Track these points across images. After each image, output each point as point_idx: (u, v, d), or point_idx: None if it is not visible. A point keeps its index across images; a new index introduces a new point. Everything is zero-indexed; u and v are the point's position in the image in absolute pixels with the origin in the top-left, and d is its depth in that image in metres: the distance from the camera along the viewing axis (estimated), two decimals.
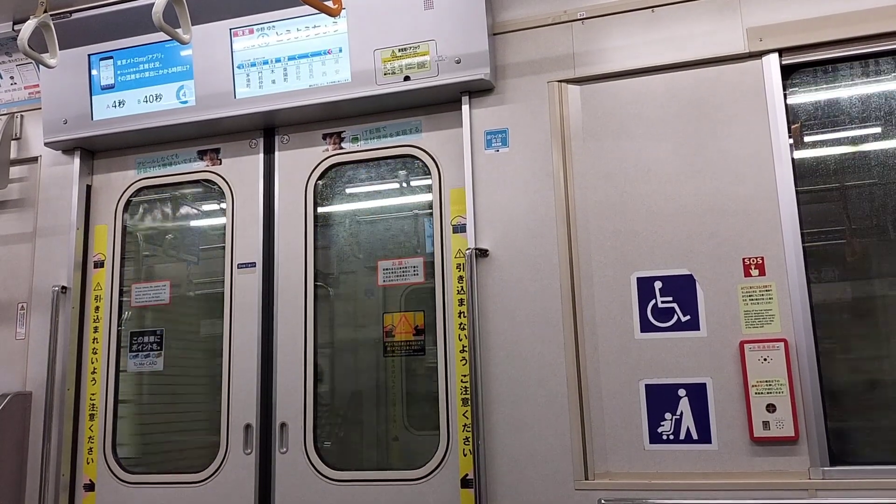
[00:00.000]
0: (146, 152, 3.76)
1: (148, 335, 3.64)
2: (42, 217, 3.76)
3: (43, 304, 3.63)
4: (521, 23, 3.20)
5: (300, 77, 3.36)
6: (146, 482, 3.43)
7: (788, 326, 2.72)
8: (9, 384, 3.61)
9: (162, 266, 3.82)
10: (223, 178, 3.62)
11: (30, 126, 3.88)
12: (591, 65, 3.08)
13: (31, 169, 3.85)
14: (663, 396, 2.81)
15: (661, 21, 3.02)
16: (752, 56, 2.90)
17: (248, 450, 3.31)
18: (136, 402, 3.66)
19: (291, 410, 3.29)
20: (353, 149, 3.45)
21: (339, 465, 3.23)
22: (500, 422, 2.94)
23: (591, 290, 2.94)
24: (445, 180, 3.27)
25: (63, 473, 3.49)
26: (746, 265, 2.80)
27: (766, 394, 2.68)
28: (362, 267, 3.52)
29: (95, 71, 3.66)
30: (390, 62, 3.23)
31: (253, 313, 3.41)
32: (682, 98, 2.97)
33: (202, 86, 3.49)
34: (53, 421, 3.47)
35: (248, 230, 3.51)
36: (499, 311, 3.01)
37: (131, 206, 3.78)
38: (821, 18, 2.84)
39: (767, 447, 2.68)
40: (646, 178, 2.96)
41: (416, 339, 3.26)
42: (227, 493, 3.30)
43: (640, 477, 2.77)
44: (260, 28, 3.42)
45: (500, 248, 3.06)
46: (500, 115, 3.16)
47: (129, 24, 3.53)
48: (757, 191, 2.82)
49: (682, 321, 2.84)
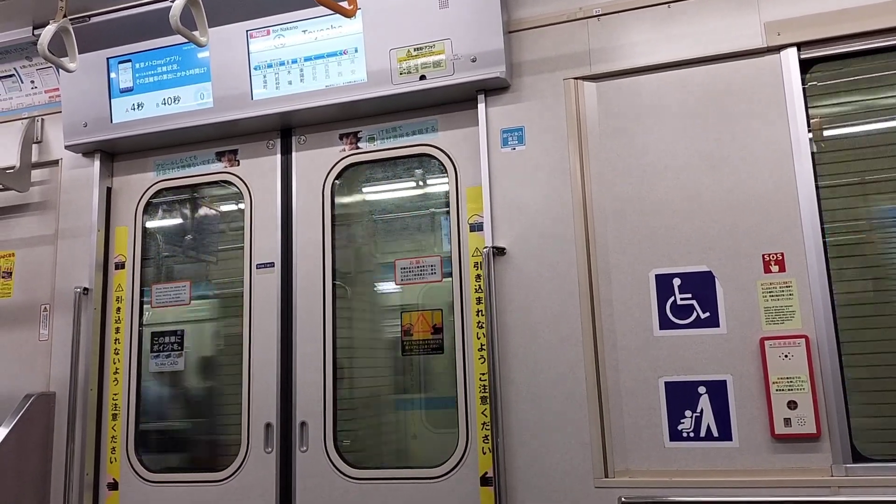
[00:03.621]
0: (165, 154, 3.79)
1: (168, 335, 3.67)
2: (63, 219, 3.80)
3: (65, 305, 3.67)
4: (536, 20, 3.19)
5: (316, 78, 3.37)
6: (169, 481, 3.47)
7: (809, 322, 2.70)
8: (32, 385, 3.66)
9: (181, 266, 3.85)
10: (241, 178, 3.64)
11: (50, 129, 3.93)
12: (608, 61, 3.07)
13: (53, 172, 3.90)
14: (683, 394, 2.79)
15: (677, 16, 3.01)
16: (770, 51, 2.88)
17: (268, 448, 3.33)
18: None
19: (311, 409, 3.31)
20: (369, 148, 3.46)
21: (359, 464, 3.25)
22: (519, 419, 2.94)
23: (609, 288, 2.94)
24: (462, 179, 3.27)
25: (87, 473, 3.54)
26: (766, 261, 2.78)
27: (787, 390, 2.67)
28: (380, 266, 3.54)
29: (114, 74, 3.70)
30: (406, 62, 3.23)
31: (272, 313, 3.44)
32: (699, 94, 2.95)
33: (219, 87, 3.51)
34: (77, 421, 3.52)
35: (267, 230, 3.53)
36: (516, 310, 3.01)
37: (151, 207, 3.82)
38: (839, 12, 2.81)
39: (789, 444, 2.66)
40: (663, 174, 2.94)
41: (434, 338, 3.27)
42: (249, 491, 3.33)
43: (661, 475, 2.76)
44: (276, 30, 3.44)
45: (517, 246, 3.06)
46: (516, 113, 3.16)
47: (146, 27, 3.56)
48: (776, 186, 2.80)
49: (702, 318, 2.82)
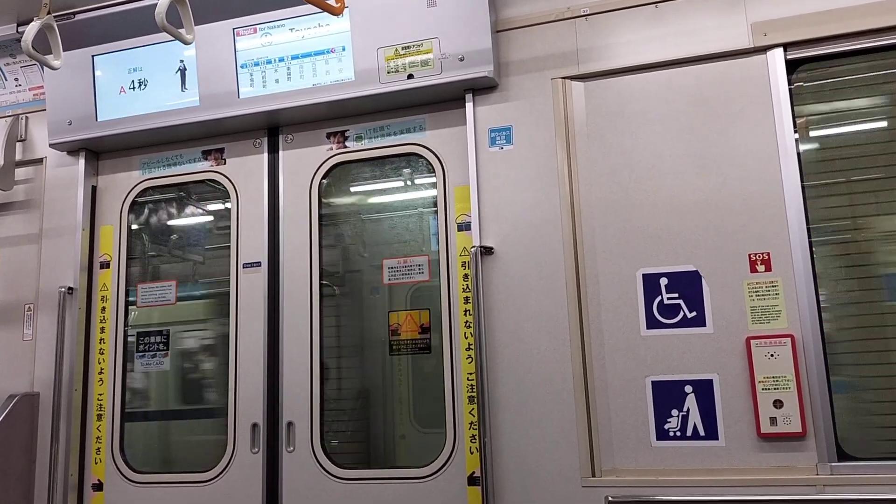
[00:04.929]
0: (151, 153, 3.76)
1: (154, 335, 3.65)
2: (48, 218, 3.77)
3: (49, 305, 3.64)
4: (524, 19, 3.19)
5: (304, 76, 3.36)
6: (154, 482, 3.45)
7: (795, 322, 2.71)
8: (16, 385, 3.62)
9: (167, 265, 3.83)
10: (228, 177, 3.62)
11: (35, 127, 3.89)
12: (595, 61, 3.07)
13: (37, 170, 3.86)
14: (670, 393, 2.80)
15: (664, 17, 3.01)
16: (756, 51, 2.89)
17: (255, 449, 3.31)
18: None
19: (298, 409, 3.29)
20: (356, 147, 3.45)
21: (346, 464, 3.24)
22: (507, 419, 2.94)
23: (596, 287, 2.94)
24: (450, 178, 3.27)
25: (71, 473, 3.51)
26: (752, 261, 2.79)
27: (772, 390, 2.68)
28: (367, 265, 3.53)
29: (99, 72, 3.66)
30: (393, 60, 3.22)
31: (259, 313, 3.42)
32: (686, 94, 2.96)
33: (206, 86, 3.49)
34: (61, 421, 3.49)
35: (253, 230, 3.51)
36: (504, 309, 3.01)
37: (136, 206, 3.79)
38: (825, 12, 2.83)
39: (775, 443, 2.67)
40: (650, 174, 2.95)
41: (421, 338, 3.26)
42: (235, 492, 3.31)
43: (647, 473, 2.77)
44: (263, 28, 3.42)
45: (505, 245, 3.06)
46: (504, 112, 3.15)
47: (132, 24, 3.53)
48: (762, 186, 2.81)
49: (689, 317, 2.83)
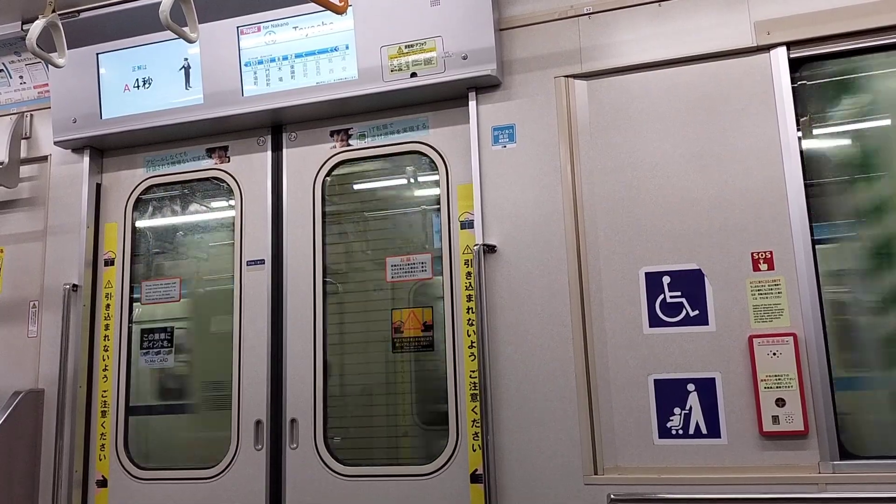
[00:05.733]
0: (155, 150, 3.77)
1: (158, 332, 3.66)
2: (52, 216, 3.78)
3: (54, 302, 3.65)
4: (527, 18, 3.19)
5: (307, 74, 3.36)
6: (158, 478, 3.46)
7: (798, 320, 2.71)
8: (21, 382, 3.64)
9: (171, 263, 3.83)
10: (231, 175, 3.63)
11: (39, 125, 3.90)
12: (598, 59, 3.07)
13: (42, 168, 3.88)
14: (672, 391, 2.81)
15: (668, 15, 3.01)
16: (759, 49, 2.89)
17: (258, 445, 3.33)
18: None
19: (301, 406, 3.31)
20: (360, 146, 3.46)
21: (349, 461, 3.25)
22: (509, 417, 2.94)
23: (599, 286, 2.94)
24: (453, 176, 3.27)
25: (76, 470, 3.53)
26: (755, 259, 2.79)
27: (775, 388, 2.68)
28: (371, 263, 3.53)
29: (104, 70, 3.68)
30: (397, 59, 3.23)
31: (262, 310, 3.43)
32: (689, 92, 2.96)
33: (210, 84, 3.50)
34: (66, 418, 3.50)
35: (257, 227, 3.52)
36: (507, 307, 3.02)
37: (140, 203, 3.80)
38: (829, 11, 2.82)
39: (777, 441, 2.67)
40: (653, 172, 2.95)
41: (424, 335, 3.27)
42: (238, 488, 3.32)
43: (650, 471, 2.78)
44: (267, 26, 3.42)
45: (507, 243, 3.06)
46: (507, 110, 3.16)
47: (136, 23, 3.54)
48: (765, 185, 2.81)
49: (691, 316, 2.83)
